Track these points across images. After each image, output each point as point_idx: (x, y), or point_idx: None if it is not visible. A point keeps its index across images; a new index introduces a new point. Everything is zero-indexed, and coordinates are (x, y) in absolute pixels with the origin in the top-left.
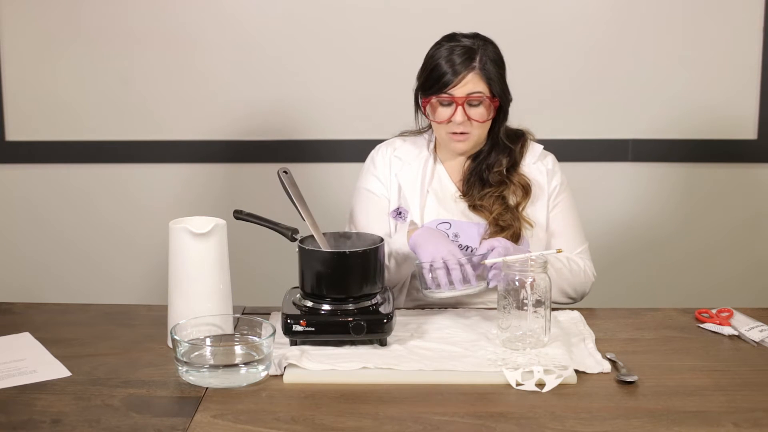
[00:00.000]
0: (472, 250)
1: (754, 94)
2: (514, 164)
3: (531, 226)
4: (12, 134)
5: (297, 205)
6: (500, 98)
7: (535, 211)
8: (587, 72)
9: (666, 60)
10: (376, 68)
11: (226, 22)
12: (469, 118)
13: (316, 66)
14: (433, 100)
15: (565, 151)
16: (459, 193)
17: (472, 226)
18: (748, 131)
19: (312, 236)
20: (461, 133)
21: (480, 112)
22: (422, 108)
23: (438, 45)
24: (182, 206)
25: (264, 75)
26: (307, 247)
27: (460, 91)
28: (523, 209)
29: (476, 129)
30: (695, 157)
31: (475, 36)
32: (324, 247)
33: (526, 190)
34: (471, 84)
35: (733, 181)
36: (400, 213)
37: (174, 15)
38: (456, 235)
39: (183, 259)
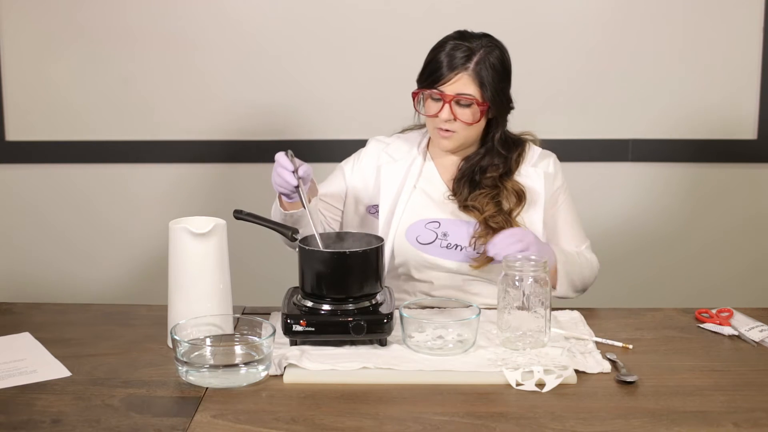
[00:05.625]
0: (462, 249)
1: (754, 94)
2: (508, 171)
3: None
4: (12, 134)
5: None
6: (493, 104)
7: (530, 216)
8: (587, 72)
9: (666, 60)
10: (375, 69)
11: (226, 23)
12: (455, 118)
13: (316, 66)
14: (426, 93)
15: (565, 151)
16: (449, 193)
17: (461, 224)
18: (748, 131)
19: (312, 236)
20: (446, 130)
21: (467, 114)
22: (413, 98)
23: (444, 39)
24: (182, 206)
25: (264, 75)
26: (307, 247)
27: (449, 89)
28: (517, 215)
29: (462, 129)
30: (695, 157)
31: (484, 37)
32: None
33: (519, 196)
34: (461, 84)
35: (733, 181)
36: (375, 211)
37: (174, 15)
38: (445, 234)
39: (183, 259)
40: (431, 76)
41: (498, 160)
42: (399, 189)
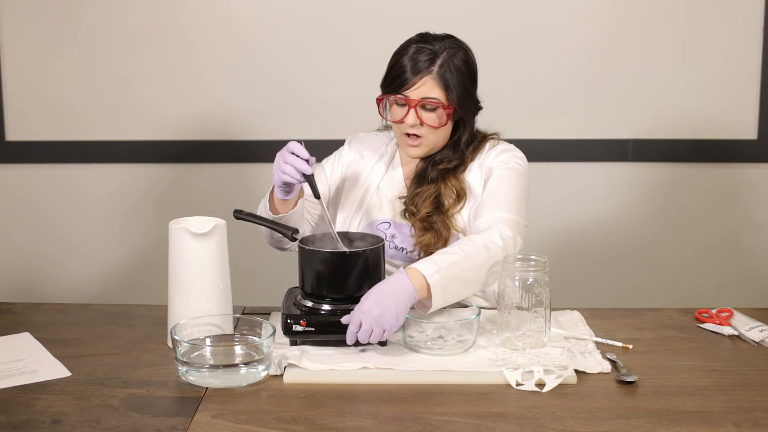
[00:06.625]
0: (407, 252)
1: (754, 94)
2: (460, 164)
3: (457, 230)
4: (12, 134)
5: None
6: (459, 107)
7: (467, 213)
8: (587, 72)
9: (666, 60)
10: (376, 70)
11: (225, 23)
12: (421, 122)
13: (315, 67)
14: (390, 98)
15: (565, 151)
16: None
17: (406, 226)
18: (748, 131)
19: (311, 236)
20: (415, 137)
21: (434, 118)
22: (377, 104)
23: (407, 43)
24: (182, 206)
25: (264, 75)
26: (307, 247)
27: (414, 93)
28: (455, 213)
29: (430, 134)
30: (695, 157)
31: (447, 38)
32: (338, 243)
33: (459, 195)
34: (426, 88)
35: (733, 181)
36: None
37: (174, 15)
38: (393, 236)
39: (183, 259)
40: (395, 81)
41: (453, 155)
42: (362, 188)
